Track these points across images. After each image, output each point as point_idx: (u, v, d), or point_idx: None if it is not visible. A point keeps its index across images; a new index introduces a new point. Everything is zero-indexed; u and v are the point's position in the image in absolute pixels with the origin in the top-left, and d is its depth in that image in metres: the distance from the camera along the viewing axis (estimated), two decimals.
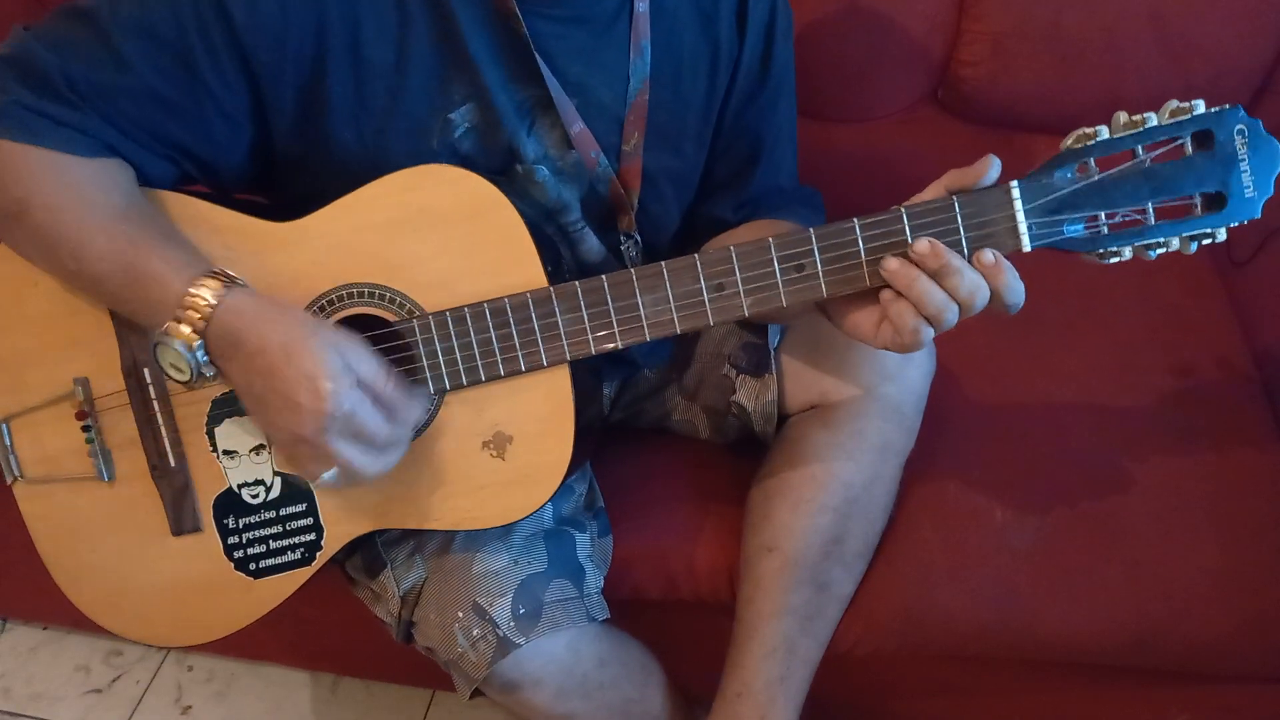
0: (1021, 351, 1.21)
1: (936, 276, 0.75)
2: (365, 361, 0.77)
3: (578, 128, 0.90)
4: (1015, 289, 0.76)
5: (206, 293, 0.75)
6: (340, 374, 0.74)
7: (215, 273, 0.77)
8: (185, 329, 0.75)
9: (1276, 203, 0.77)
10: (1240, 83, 1.37)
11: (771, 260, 0.79)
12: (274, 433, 0.78)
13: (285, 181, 0.90)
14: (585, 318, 0.82)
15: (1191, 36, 1.33)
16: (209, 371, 0.78)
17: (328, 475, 0.77)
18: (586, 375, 0.89)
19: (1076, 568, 1.04)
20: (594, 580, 1.00)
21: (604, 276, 0.82)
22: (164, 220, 0.83)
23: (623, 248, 0.98)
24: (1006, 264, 0.75)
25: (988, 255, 0.75)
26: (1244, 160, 0.74)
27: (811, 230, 0.78)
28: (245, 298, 0.77)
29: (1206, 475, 1.10)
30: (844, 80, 1.43)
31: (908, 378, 1.02)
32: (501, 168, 0.90)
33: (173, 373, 0.78)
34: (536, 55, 0.86)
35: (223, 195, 0.89)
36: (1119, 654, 1.05)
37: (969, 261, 0.75)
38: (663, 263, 0.81)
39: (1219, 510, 1.07)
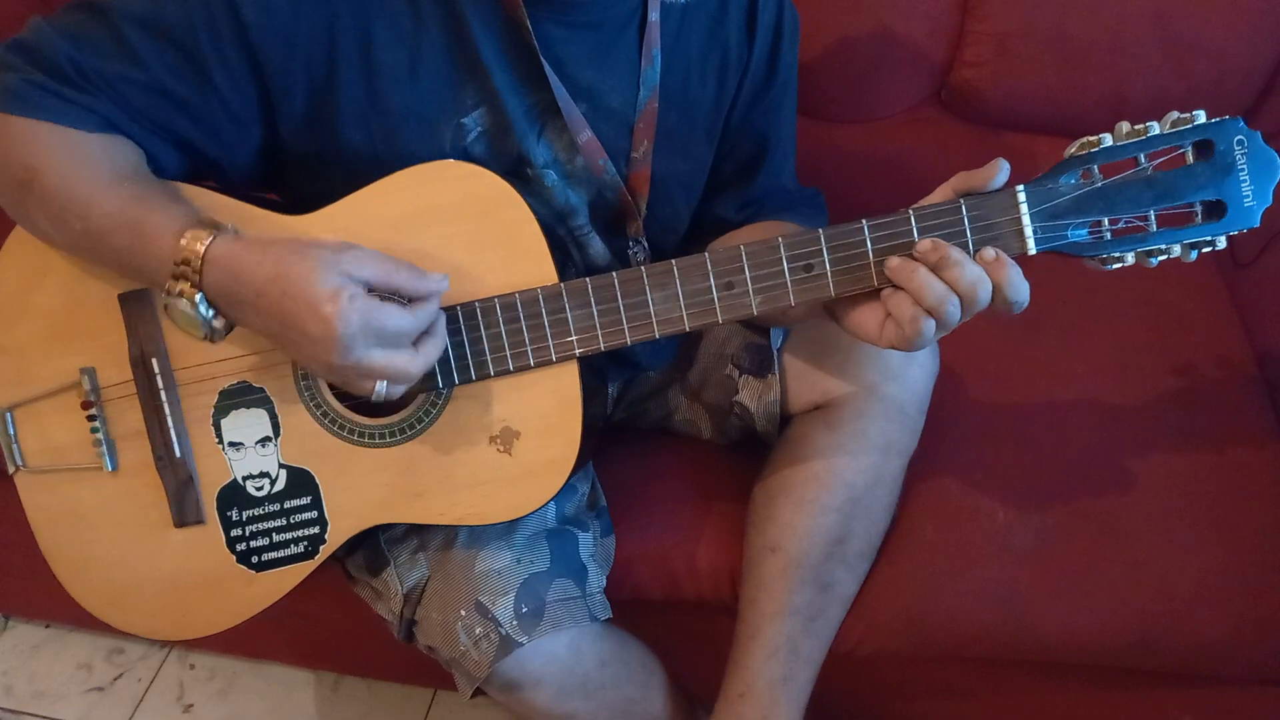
0: (1024, 352, 1.21)
1: (936, 268, 0.75)
2: (365, 263, 0.75)
3: (585, 136, 0.90)
4: (1018, 286, 0.76)
5: (195, 242, 0.74)
6: (338, 291, 0.72)
7: (203, 220, 0.76)
8: (184, 285, 0.75)
9: (1279, 206, 0.77)
10: (1243, 84, 1.37)
11: (781, 260, 0.80)
12: (312, 366, 0.77)
13: (295, 182, 0.90)
14: (595, 314, 0.83)
15: (1195, 38, 1.33)
16: (219, 324, 0.77)
17: (380, 388, 0.76)
18: (590, 374, 0.89)
19: (1078, 568, 1.04)
20: (596, 580, 1.00)
21: (614, 273, 0.82)
22: (170, 184, 0.82)
23: (630, 252, 0.98)
24: (1009, 260, 0.76)
25: (989, 251, 0.76)
26: (1243, 170, 0.75)
27: (821, 231, 0.79)
28: (226, 243, 0.75)
29: (1209, 477, 1.10)
30: (847, 80, 1.43)
31: (911, 377, 1.02)
32: (512, 171, 0.89)
33: (190, 329, 0.77)
34: (543, 59, 0.85)
35: (234, 191, 0.89)
36: (1120, 655, 1.05)
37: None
38: (673, 260, 0.81)
39: (1221, 512, 1.07)
